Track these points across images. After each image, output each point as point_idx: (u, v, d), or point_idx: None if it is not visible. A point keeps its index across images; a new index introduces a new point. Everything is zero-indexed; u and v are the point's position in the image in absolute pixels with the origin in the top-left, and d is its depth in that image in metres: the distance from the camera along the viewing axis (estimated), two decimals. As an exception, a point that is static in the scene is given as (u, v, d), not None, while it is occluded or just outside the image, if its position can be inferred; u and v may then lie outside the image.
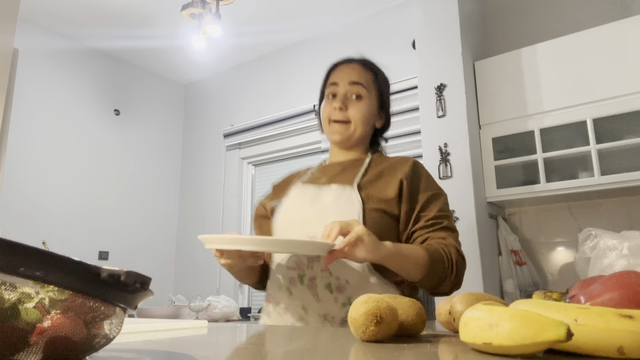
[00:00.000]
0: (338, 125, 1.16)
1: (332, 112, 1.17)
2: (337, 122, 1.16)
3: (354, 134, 1.17)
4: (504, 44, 2.68)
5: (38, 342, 0.38)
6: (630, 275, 0.54)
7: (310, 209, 1.06)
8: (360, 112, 1.16)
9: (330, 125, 1.18)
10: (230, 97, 3.97)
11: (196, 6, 2.46)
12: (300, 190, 1.13)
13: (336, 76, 1.21)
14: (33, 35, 3.30)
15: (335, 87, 1.19)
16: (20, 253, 0.37)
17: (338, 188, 1.08)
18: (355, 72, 1.19)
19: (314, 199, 1.08)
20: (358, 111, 1.16)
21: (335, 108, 1.16)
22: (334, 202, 1.05)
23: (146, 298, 0.45)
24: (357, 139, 1.18)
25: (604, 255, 1.09)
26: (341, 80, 1.18)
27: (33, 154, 3.22)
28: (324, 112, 1.19)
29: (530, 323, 0.43)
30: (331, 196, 1.07)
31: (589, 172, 2.13)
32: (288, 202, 1.11)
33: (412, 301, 0.82)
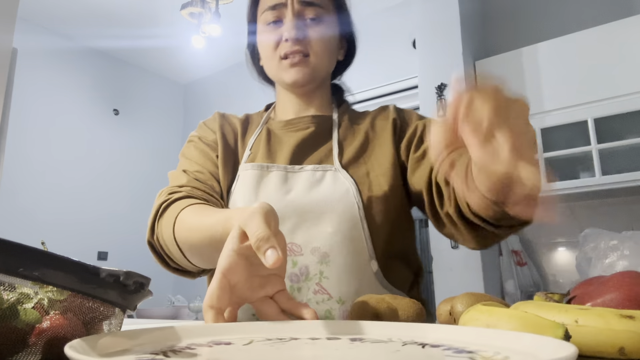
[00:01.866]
0: (290, 62, 0.82)
1: (283, 45, 0.82)
2: (294, 54, 0.82)
3: (317, 71, 0.85)
4: (504, 43, 2.68)
5: (37, 342, 0.38)
6: (632, 276, 0.54)
7: (279, 203, 0.74)
8: (321, 39, 0.83)
9: (281, 62, 0.83)
10: (230, 97, 3.97)
11: (196, 5, 2.46)
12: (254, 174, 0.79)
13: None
14: (32, 35, 3.30)
15: (279, 10, 0.83)
16: (19, 253, 0.37)
17: (315, 170, 0.79)
18: None
19: (282, 188, 0.77)
20: (318, 39, 0.83)
21: (287, 39, 0.81)
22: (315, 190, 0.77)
23: (145, 298, 0.45)
24: (321, 78, 0.89)
25: (605, 256, 1.09)
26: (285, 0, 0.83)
27: (32, 154, 3.22)
28: (267, 44, 0.84)
29: (528, 325, 0.43)
30: (308, 182, 0.78)
31: (590, 172, 2.13)
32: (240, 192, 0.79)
33: (412, 301, 0.82)
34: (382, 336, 0.47)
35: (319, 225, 0.74)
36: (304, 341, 0.45)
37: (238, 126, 0.92)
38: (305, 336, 0.47)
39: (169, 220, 0.72)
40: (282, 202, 0.75)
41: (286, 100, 0.92)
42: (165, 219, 0.74)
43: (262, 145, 0.86)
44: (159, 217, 0.76)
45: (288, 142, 0.85)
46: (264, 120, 0.92)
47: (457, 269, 2.19)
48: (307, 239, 0.74)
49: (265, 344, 0.44)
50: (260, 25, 0.87)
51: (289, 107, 0.91)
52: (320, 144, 0.85)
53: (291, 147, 0.83)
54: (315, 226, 0.74)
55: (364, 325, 0.49)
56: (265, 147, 0.85)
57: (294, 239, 0.74)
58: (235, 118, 0.95)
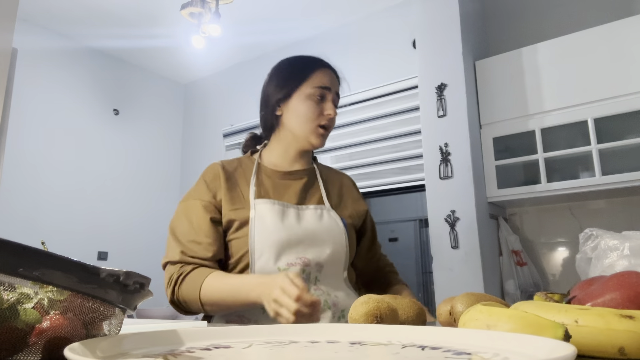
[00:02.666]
0: (323, 131, 1.15)
1: (320, 117, 1.13)
2: (325, 127, 1.15)
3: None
4: (504, 43, 2.68)
5: (37, 342, 0.38)
6: (632, 276, 0.54)
7: (299, 230, 1.06)
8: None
9: (317, 128, 1.14)
10: (230, 97, 3.97)
11: (196, 5, 2.46)
12: (276, 208, 1.07)
13: (326, 80, 1.16)
14: (32, 35, 3.30)
15: (326, 92, 1.15)
16: (19, 253, 0.37)
17: (316, 209, 1.12)
18: (337, 83, 1.21)
19: (299, 219, 1.09)
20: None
21: (329, 114, 1.14)
22: (319, 223, 1.10)
23: (145, 298, 0.45)
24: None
25: (605, 256, 1.09)
26: (332, 87, 1.16)
27: (32, 153, 3.22)
28: (310, 111, 1.12)
29: (528, 325, 0.43)
30: (314, 217, 1.11)
31: (590, 172, 2.13)
32: (268, 218, 1.05)
33: (412, 301, 0.82)
34: (382, 339, 0.47)
35: (321, 247, 1.07)
36: (304, 344, 0.45)
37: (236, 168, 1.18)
38: (305, 339, 0.47)
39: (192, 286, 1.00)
40: (300, 229, 1.07)
41: (286, 151, 1.18)
42: (186, 286, 1.02)
43: (269, 188, 1.13)
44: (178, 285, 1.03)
45: (292, 188, 1.15)
46: (256, 166, 1.17)
47: (457, 269, 2.19)
48: (314, 256, 1.06)
49: (264, 347, 0.44)
50: (304, 95, 1.13)
51: (289, 159, 1.19)
52: (313, 189, 1.17)
53: (296, 192, 1.14)
54: (319, 247, 1.07)
55: (363, 328, 0.49)
56: (272, 189, 1.13)
57: (306, 254, 1.06)
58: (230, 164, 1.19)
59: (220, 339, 0.47)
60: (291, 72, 1.17)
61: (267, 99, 1.20)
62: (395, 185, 2.84)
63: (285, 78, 1.17)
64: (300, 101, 1.13)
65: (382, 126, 2.94)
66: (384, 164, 2.88)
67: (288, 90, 1.15)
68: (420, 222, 2.52)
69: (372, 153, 2.95)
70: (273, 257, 1.03)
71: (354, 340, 0.47)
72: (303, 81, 1.14)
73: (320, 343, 0.45)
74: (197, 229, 1.07)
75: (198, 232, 1.06)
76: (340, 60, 3.65)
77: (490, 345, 0.40)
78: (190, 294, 1.00)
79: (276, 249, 1.03)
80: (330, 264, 1.08)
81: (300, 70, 1.16)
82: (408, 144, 2.81)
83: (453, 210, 2.24)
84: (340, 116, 3.38)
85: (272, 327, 0.50)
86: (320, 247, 1.07)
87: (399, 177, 2.83)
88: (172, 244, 1.08)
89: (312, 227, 1.08)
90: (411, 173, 2.79)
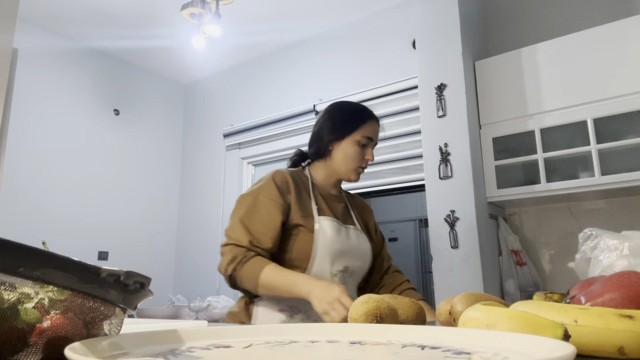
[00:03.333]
0: (362, 170, 1.45)
1: (362, 161, 1.42)
2: (363, 168, 1.44)
3: None
4: (504, 43, 2.68)
5: (37, 342, 0.38)
6: (631, 276, 0.54)
7: (347, 244, 1.37)
8: None
9: (358, 168, 1.43)
10: (230, 97, 3.97)
11: (196, 6, 2.46)
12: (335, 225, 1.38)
13: (373, 131, 1.44)
14: (32, 35, 3.30)
15: (370, 141, 1.43)
16: (19, 253, 0.37)
17: (354, 229, 1.43)
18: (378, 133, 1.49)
19: (347, 236, 1.39)
20: None
21: (368, 159, 1.43)
22: (357, 241, 1.41)
23: (146, 298, 0.45)
24: None
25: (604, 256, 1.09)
26: (375, 137, 1.45)
27: (32, 154, 3.22)
28: (356, 155, 1.41)
29: (527, 324, 0.43)
30: (354, 235, 1.42)
31: (589, 172, 2.13)
32: (329, 232, 1.34)
33: (412, 301, 0.82)
34: (382, 338, 0.47)
35: (356, 260, 1.39)
36: (304, 344, 0.45)
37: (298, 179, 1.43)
38: (305, 339, 0.47)
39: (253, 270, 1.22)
40: (348, 244, 1.37)
41: (329, 176, 1.47)
42: (248, 269, 1.22)
43: (324, 205, 1.42)
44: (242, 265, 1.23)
45: (337, 208, 1.46)
46: (311, 185, 1.44)
47: (457, 269, 2.19)
48: (352, 265, 1.38)
49: (264, 347, 0.44)
50: (353, 140, 1.41)
51: (330, 183, 1.47)
52: (347, 212, 1.49)
53: (340, 212, 1.45)
54: (355, 259, 1.39)
55: (363, 327, 0.49)
56: (326, 207, 1.41)
57: (349, 263, 1.37)
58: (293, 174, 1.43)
59: (220, 339, 0.47)
60: (347, 119, 1.43)
61: (322, 135, 1.44)
62: (395, 185, 2.84)
63: (341, 123, 1.43)
64: (349, 145, 1.41)
65: (382, 126, 2.93)
66: (384, 164, 2.88)
67: (342, 134, 1.41)
68: (420, 222, 2.52)
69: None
70: (329, 263, 1.32)
71: (353, 339, 0.47)
72: (355, 130, 1.41)
73: (320, 343, 0.45)
74: (267, 225, 1.28)
75: (268, 227, 1.28)
76: (341, 60, 3.67)
77: (489, 344, 0.40)
78: (250, 275, 1.21)
79: (332, 257, 1.32)
80: (357, 274, 1.40)
81: (355, 120, 1.43)
82: (408, 144, 2.81)
83: (453, 210, 2.24)
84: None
85: (272, 326, 0.50)
86: (356, 259, 1.38)
87: (399, 177, 2.83)
88: (240, 231, 1.26)
89: (354, 243, 1.39)
90: (411, 173, 2.79)
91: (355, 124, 1.42)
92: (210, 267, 3.71)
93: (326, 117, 1.47)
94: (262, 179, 1.39)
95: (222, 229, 3.68)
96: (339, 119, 1.44)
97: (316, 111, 3.30)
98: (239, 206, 1.33)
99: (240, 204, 1.33)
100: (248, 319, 1.34)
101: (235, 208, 1.33)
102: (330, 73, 3.37)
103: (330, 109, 1.49)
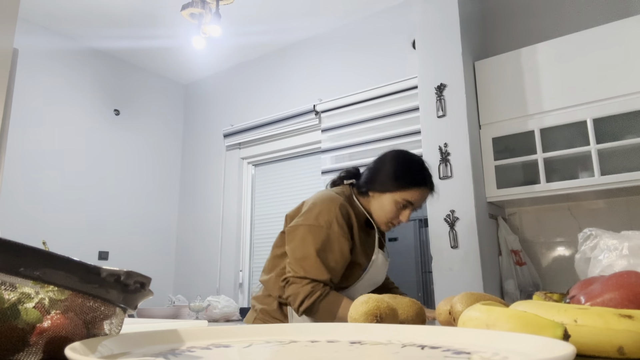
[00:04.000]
0: (392, 226, 1.45)
1: (395, 219, 1.42)
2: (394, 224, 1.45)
3: None
4: (504, 44, 2.68)
5: (38, 342, 0.38)
6: (630, 276, 0.54)
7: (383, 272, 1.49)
8: None
9: (391, 222, 1.42)
10: (230, 97, 3.97)
11: (196, 6, 2.46)
12: (383, 259, 1.46)
13: (417, 198, 1.39)
14: (33, 35, 3.30)
15: (410, 205, 1.40)
16: (20, 253, 0.37)
17: (382, 254, 1.48)
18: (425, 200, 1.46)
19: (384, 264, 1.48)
20: None
21: (401, 220, 1.42)
22: (385, 265, 1.49)
23: (146, 298, 0.45)
24: None
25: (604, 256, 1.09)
26: (417, 204, 1.41)
27: (33, 154, 3.22)
28: (392, 212, 1.40)
29: (527, 324, 0.43)
30: (383, 259, 1.48)
31: (589, 172, 2.13)
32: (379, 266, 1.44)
33: (412, 301, 0.82)
34: (382, 338, 0.47)
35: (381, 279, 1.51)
36: (304, 344, 0.45)
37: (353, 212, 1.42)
38: (305, 339, 0.47)
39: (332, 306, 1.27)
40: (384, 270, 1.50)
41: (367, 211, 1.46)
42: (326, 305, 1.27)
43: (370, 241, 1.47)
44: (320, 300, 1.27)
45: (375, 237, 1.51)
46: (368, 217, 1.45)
47: (457, 269, 2.19)
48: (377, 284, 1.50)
49: (264, 346, 0.44)
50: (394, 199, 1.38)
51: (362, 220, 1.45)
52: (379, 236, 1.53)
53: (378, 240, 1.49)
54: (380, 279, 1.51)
55: (363, 327, 0.49)
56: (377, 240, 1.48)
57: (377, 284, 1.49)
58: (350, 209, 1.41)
59: (220, 339, 0.47)
60: (398, 176, 1.39)
61: (372, 177, 1.43)
62: (395, 186, 2.84)
63: (390, 177, 1.39)
64: (388, 201, 1.39)
65: (382, 126, 2.94)
66: (384, 164, 2.88)
67: (384, 188, 1.39)
68: (420, 222, 2.51)
69: (372, 153, 2.95)
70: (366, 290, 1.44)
71: (354, 339, 0.47)
72: (399, 190, 1.38)
73: (320, 342, 0.45)
74: (340, 262, 1.32)
75: (341, 264, 1.32)
76: (341, 60, 3.67)
77: (489, 344, 0.40)
78: (329, 310, 1.26)
79: (372, 285, 1.46)
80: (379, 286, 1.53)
81: (404, 182, 1.38)
82: (408, 144, 2.81)
83: (452, 210, 2.25)
84: (340, 116, 3.37)
85: (272, 326, 0.50)
86: (381, 279, 1.50)
87: (399, 177, 2.83)
88: (319, 266, 1.28)
89: (384, 269, 1.49)
90: (411, 173, 2.79)
91: (403, 186, 1.38)
92: (210, 267, 3.71)
93: (384, 162, 1.44)
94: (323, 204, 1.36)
95: (223, 229, 3.70)
96: (391, 172, 1.40)
97: (316, 111, 3.30)
98: (311, 237, 1.30)
99: (312, 235, 1.30)
100: (284, 318, 1.38)
101: (304, 236, 1.31)
102: (330, 73, 3.37)
103: (391, 159, 1.45)
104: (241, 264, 3.64)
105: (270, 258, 1.48)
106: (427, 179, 1.41)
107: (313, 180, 3.38)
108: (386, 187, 1.38)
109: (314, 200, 1.40)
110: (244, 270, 3.63)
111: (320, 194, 1.44)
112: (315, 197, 1.42)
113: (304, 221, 1.33)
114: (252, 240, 3.68)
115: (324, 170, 3.16)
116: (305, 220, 1.34)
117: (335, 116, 3.19)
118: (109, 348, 0.39)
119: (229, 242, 3.67)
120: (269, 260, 1.48)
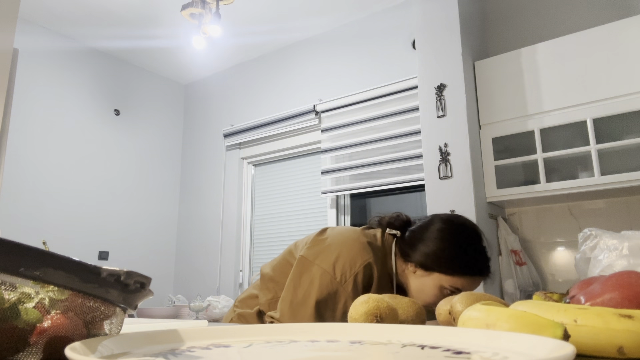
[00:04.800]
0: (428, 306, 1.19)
1: (436, 301, 1.13)
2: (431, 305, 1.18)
3: None
4: (504, 44, 2.68)
5: (38, 342, 0.38)
6: (630, 276, 0.54)
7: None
8: None
9: (428, 304, 1.15)
10: (230, 97, 3.97)
11: (196, 6, 2.46)
12: None
13: (466, 286, 1.12)
14: (33, 35, 3.30)
15: (456, 291, 1.13)
16: (20, 253, 0.37)
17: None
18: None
19: None
20: None
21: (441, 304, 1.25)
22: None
23: (146, 298, 0.45)
24: None
25: (604, 256, 1.09)
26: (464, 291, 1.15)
27: (33, 153, 3.22)
28: (433, 297, 1.14)
29: (527, 324, 0.43)
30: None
31: (589, 172, 2.13)
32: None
33: (412, 301, 0.82)
34: (382, 338, 0.47)
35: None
36: (304, 344, 0.45)
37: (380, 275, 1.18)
38: (305, 339, 0.47)
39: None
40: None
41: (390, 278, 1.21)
42: None
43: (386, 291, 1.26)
44: None
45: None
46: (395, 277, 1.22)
47: (457, 269, 2.19)
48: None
49: (264, 346, 0.44)
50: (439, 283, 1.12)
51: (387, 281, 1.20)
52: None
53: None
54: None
55: (363, 327, 0.49)
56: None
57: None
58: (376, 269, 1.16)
59: (220, 338, 0.47)
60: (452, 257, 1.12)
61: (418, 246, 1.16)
62: (395, 185, 2.84)
63: (440, 257, 1.12)
64: (433, 285, 1.13)
65: (382, 126, 2.94)
66: (384, 164, 2.88)
67: (431, 267, 1.12)
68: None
69: (372, 153, 2.95)
70: None
71: (353, 339, 0.47)
72: (448, 274, 1.11)
73: (320, 342, 0.45)
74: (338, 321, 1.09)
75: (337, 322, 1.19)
76: (341, 60, 3.67)
77: (489, 344, 0.40)
78: None
79: None
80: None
81: (457, 266, 1.11)
82: (408, 144, 2.82)
83: (452, 210, 2.25)
84: (340, 116, 3.37)
85: (272, 326, 0.50)
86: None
87: (399, 177, 2.83)
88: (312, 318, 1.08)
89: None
90: (411, 173, 2.79)
91: (455, 270, 1.11)
92: (211, 267, 3.71)
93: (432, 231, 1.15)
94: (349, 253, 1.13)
95: (223, 229, 3.70)
96: (445, 250, 1.12)
97: (316, 111, 3.30)
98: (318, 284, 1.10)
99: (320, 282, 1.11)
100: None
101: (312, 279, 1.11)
102: (330, 73, 3.37)
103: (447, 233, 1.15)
104: (241, 264, 3.64)
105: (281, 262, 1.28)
106: (485, 269, 1.13)
107: (313, 181, 3.38)
108: (432, 266, 1.12)
109: (341, 240, 1.16)
110: (244, 270, 3.63)
111: (350, 233, 1.19)
112: (344, 235, 1.18)
113: (321, 262, 1.13)
114: (252, 240, 3.68)
115: (324, 170, 3.16)
116: (322, 261, 1.13)
117: (335, 116, 3.19)
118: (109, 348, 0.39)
119: (229, 242, 3.67)
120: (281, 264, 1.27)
